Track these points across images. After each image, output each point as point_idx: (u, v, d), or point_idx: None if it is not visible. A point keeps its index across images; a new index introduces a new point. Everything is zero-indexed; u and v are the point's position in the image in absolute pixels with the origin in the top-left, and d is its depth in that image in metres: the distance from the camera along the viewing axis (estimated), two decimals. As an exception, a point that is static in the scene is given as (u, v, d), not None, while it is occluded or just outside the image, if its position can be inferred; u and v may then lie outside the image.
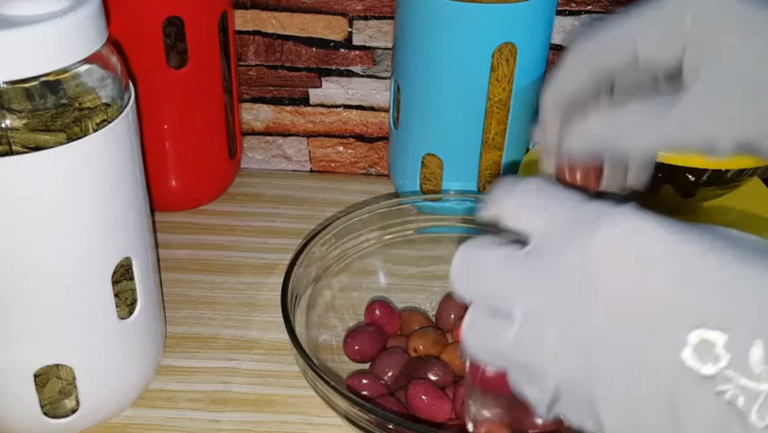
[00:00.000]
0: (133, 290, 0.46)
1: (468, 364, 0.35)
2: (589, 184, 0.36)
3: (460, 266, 0.30)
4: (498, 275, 0.29)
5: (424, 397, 0.46)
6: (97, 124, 0.40)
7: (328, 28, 0.67)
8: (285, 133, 0.72)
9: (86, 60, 0.39)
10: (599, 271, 0.26)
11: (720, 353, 0.24)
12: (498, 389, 0.35)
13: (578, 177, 0.36)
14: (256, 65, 0.69)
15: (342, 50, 0.68)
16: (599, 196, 0.30)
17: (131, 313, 0.46)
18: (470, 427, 0.38)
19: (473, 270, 0.30)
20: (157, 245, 0.54)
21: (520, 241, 0.29)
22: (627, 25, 0.34)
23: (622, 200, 0.28)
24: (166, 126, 0.61)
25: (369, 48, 0.68)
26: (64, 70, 0.38)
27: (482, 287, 0.30)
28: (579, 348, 0.27)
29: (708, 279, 0.25)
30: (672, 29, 0.33)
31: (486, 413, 0.39)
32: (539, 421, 0.39)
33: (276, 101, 0.71)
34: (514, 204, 0.30)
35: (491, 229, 0.31)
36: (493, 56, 0.56)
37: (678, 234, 0.26)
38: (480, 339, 0.30)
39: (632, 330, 0.25)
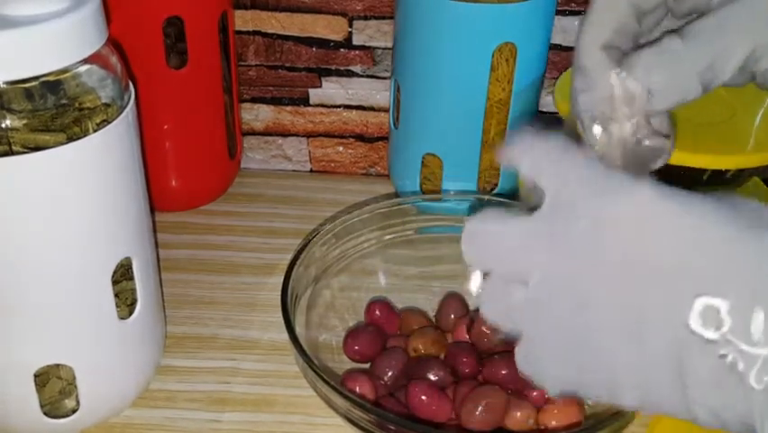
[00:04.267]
0: (133, 290, 0.46)
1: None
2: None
3: (470, 236, 0.31)
4: (511, 244, 0.30)
5: (423, 397, 0.46)
6: (97, 125, 0.40)
7: (328, 28, 0.67)
8: (285, 134, 0.72)
9: (87, 61, 0.39)
10: (608, 240, 0.27)
11: (724, 318, 0.25)
12: None
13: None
14: (256, 65, 0.69)
15: (342, 50, 0.68)
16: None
17: (131, 313, 0.46)
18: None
19: (484, 239, 0.31)
20: (157, 245, 0.54)
21: (531, 209, 0.30)
22: None
23: (639, 176, 0.29)
24: (166, 126, 0.61)
25: (369, 48, 0.68)
26: (64, 70, 0.38)
27: (495, 255, 0.31)
28: (584, 312, 0.28)
29: (713, 248, 0.26)
30: None
31: None
32: None
33: (276, 101, 0.71)
34: (537, 157, 0.30)
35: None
36: (493, 56, 0.56)
37: (686, 207, 0.27)
38: (493, 304, 0.31)
39: (639, 296, 0.27)
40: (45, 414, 0.44)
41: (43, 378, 0.44)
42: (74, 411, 0.45)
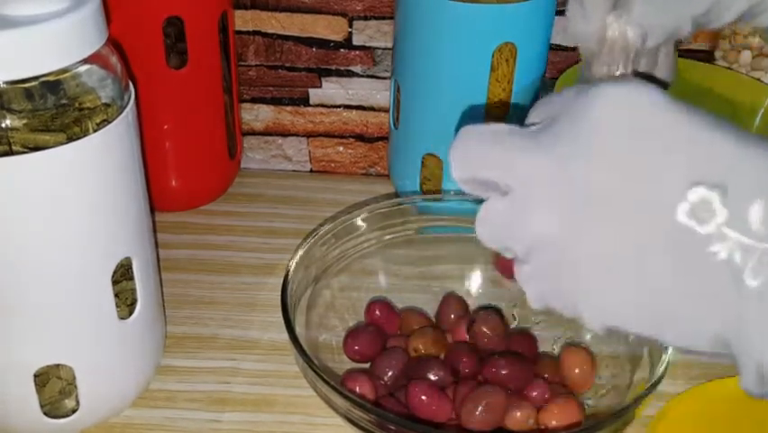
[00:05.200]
0: (133, 290, 0.46)
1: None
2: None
3: (460, 148, 0.31)
4: (496, 151, 0.29)
5: (423, 397, 0.46)
6: (97, 125, 0.40)
7: (328, 28, 0.67)
8: (285, 134, 0.72)
9: (87, 61, 0.39)
10: (597, 136, 0.26)
11: (717, 209, 0.23)
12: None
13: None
14: (256, 65, 0.69)
15: (342, 50, 0.68)
16: None
17: (131, 313, 0.46)
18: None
19: (472, 149, 0.30)
20: (157, 245, 0.54)
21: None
22: None
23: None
24: (166, 126, 0.61)
25: (369, 48, 0.68)
26: (64, 70, 0.38)
27: (481, 165, 0.30)
28: (575, 209, 0.26)
29: (706, 141, 0.24)
30: None
31: None
32: None
33: (276, 101, 0.71)
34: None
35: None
36: (493, 56, 0.56)
37: (674, 103, 0.26)
38: (484, 221, 0.30)
39: (632, 189, 0.25)
40: (45, 414, 0.44)
41: (43, 378, 0.44)
42: (74, 411, 0.45)
